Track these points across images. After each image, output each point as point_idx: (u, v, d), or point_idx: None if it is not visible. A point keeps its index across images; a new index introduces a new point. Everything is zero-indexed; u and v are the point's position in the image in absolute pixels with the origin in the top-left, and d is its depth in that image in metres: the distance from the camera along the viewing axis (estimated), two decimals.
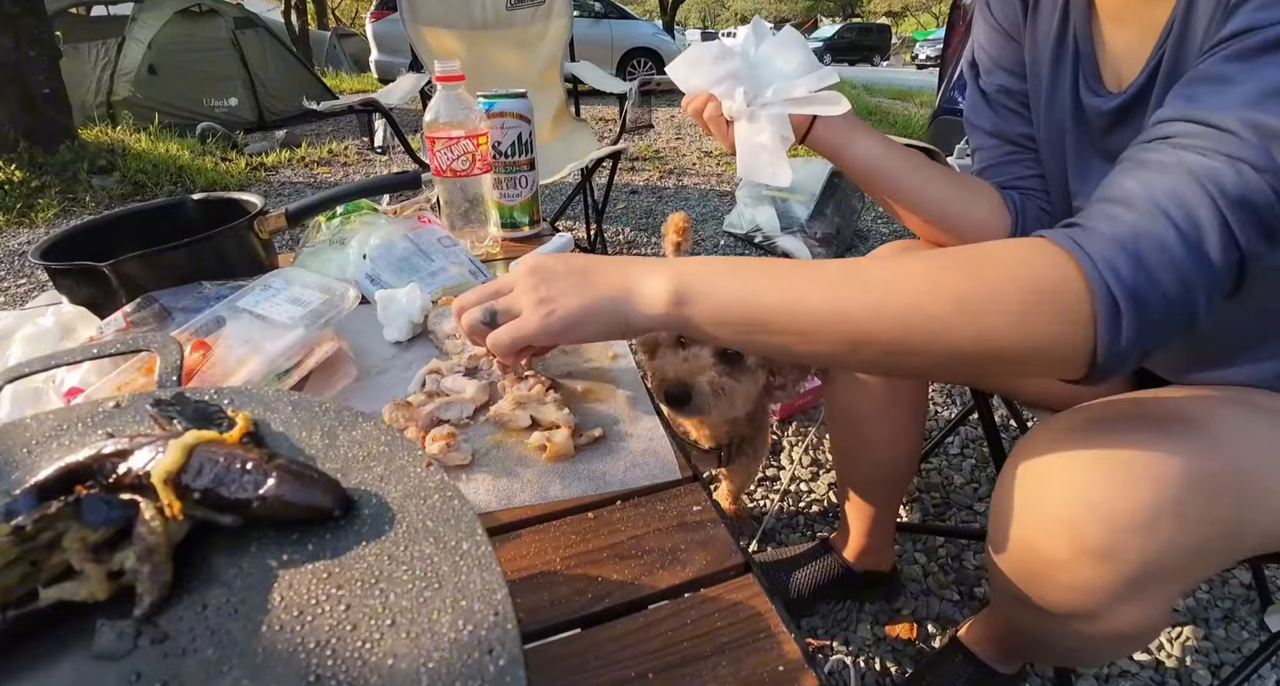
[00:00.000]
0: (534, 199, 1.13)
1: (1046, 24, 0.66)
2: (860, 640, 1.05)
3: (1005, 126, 0.75)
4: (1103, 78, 0.63)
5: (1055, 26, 0.65)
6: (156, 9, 5.55)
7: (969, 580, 1.16)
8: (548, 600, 0.43)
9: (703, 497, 0.51)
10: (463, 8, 2.49)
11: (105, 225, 0.80)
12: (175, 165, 4.20)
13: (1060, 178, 0.70)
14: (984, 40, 0.75)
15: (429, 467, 0.35)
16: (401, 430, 0.53)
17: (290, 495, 0.32)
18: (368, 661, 0.27)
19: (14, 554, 0.29)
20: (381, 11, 7.64)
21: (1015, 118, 0.74)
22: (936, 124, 3.60)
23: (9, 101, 3.89)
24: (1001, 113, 0.75)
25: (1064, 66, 0.65)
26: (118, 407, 0.40)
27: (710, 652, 0.39)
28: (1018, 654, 0.85)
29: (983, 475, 1.43)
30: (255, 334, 0.61)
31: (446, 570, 0.30)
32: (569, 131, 2.54)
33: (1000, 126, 0.75)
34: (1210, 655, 1.03)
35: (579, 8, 7.74)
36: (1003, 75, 0.74)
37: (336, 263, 0.87)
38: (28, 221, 3.39)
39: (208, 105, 5.65)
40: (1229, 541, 0.50)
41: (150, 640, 0.28)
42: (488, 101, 1.03)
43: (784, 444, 1.55)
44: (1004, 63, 0.73)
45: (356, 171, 4.52)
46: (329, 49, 11.22)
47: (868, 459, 0.94)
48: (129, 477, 0.33)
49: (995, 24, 0.73)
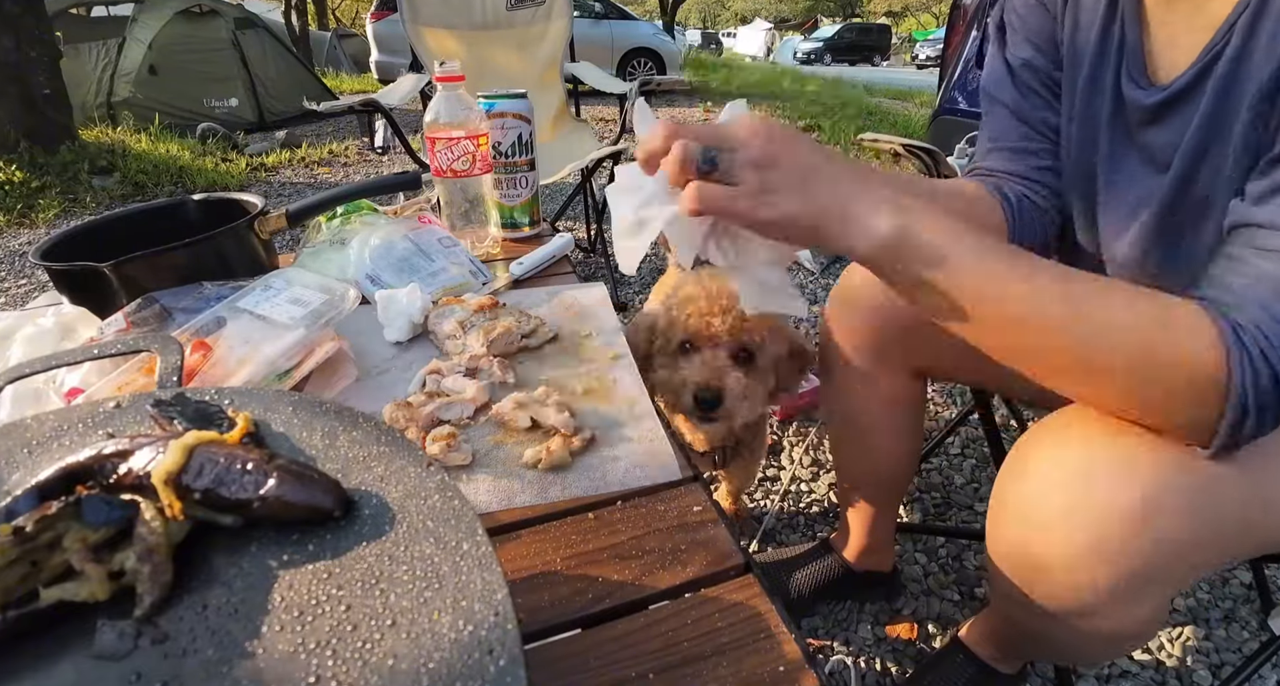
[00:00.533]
0: (534, 199, 1.13)
1: (1092, 6, 0.63)
2: (861, 640, 1.05)
3: (1027, 108, 0.71)
4: (1147, 70, 0.60)
5: (1103, 10, 0.62)
6: (157, 9, 5.56)
7: (969, 580, 1.16)
8: (548, 600, 0.43)
9: (703, 498, 0.51)
10: (463, 8, 2.49)
11: (105, 226, 0.80)
12: (175, 166, 4.20)
13: (1089, 172, 0.67)
14: (1020, 6, 0.70)
15: (429, 468, 0.35)
16: (402, 430, 0.53)
17: (290, 495, 0.32)
18: (368, 661, 0.27)
19: (14, 554, 0.29)
20: (382, 12, 7.64)
21: (1037, 99, 0.70)
22: (936, 124, 3.59)
23: (9, 102, 3.89)
24: (1025, 91, 0.71)
25: (1108, 53, 0.62)
26: (118, 408, 0.40)
27: (711, 653, 0.39)
28: (1018, 653, 0.85)
29: (983, 475, 1.43)
30: (256, 334, 0.61)
31: (447, 570, 0.30)
32: (569, 132, 2.54)
33: (1022, 106, 0.71)
34: (1211, 655, 1.03)
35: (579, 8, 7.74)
36: (1029, 49, 0.70)
37: (337, 263, 0.87)
38: (28, 222, 3.39)
39: (208, 105, 5.65)
40: (1229, 541, 0.50)
41: (150, 640, 0.28)
42: (488, 102, 1.03)
43: (784, 444, 1.55)
44: (1034, 36, 0.70)
45: (357, 172, 4.52)
46: (329, 49, 11.22)
47: (867, 459, 0.93)
48: (129, 478, 0.33)
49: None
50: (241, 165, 4.48)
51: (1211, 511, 0.47)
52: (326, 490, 0.33)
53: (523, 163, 1.08)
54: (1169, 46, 0.58)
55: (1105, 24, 0.62)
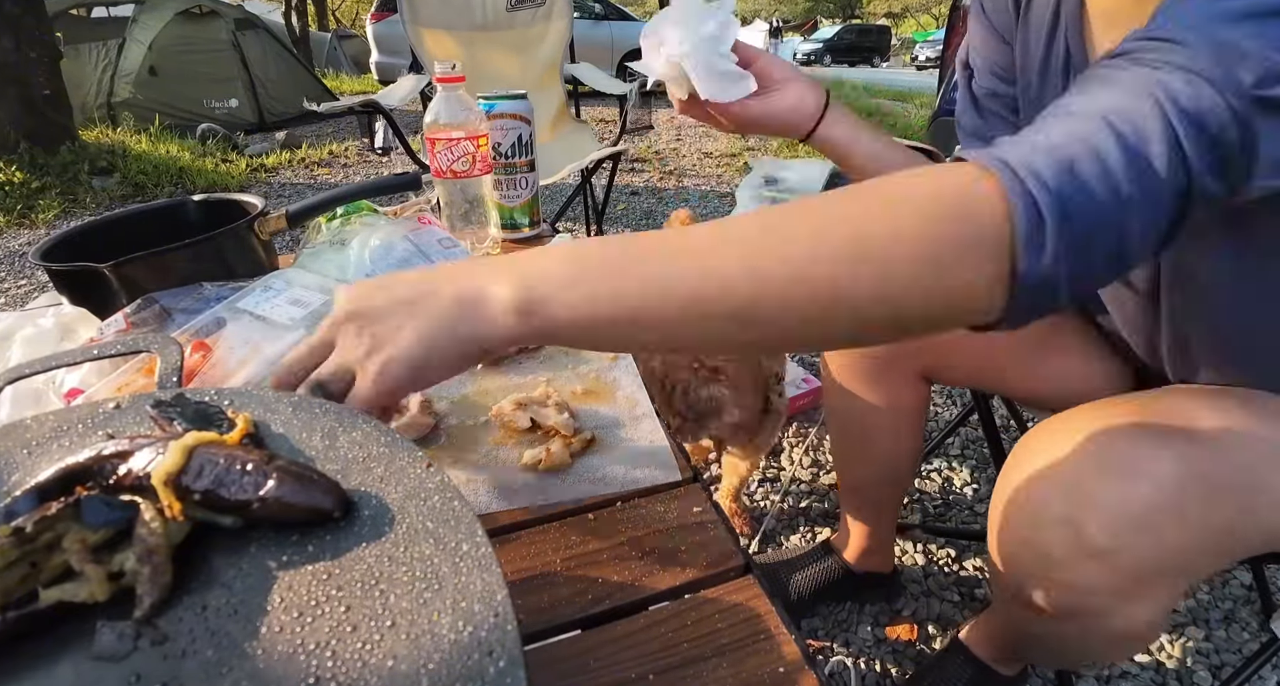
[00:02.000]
0: (534, 200, 1.13)
1: (1038, 24, 0.65)
2: (861, 641, 1.05)
3: (987, 130, 0.74)
4: None
5: (1047, 26, 0.63)
6: (157, 10, 5.56)
7: (969, 581, 1.16)
8: (548, 601, 0.43)
9: (703, 499, 0.51)
10: (463, 9, 2.49)
11: (105, 226, 0.80)
12: (175, 166, 4.20)
13: None
14: (977, 41, 0.74)
15: (429, 468, 0.35)
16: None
17: (290, 496, 0.32)
18: (368, 663, 0.27)
19: (14, 555, 0.29)
20: (382, 13, 7.65)
21: (1001, 123, 0.73)
22: (936, 125, 3.59)
23: (9, 102, 3.89)
24: (988, 117, 0.74)
25: (1053, 68, 0.64)
26: (118, 409, 0.40)
27: (710, 654, 0.39)
28: (1019, 655, 0.85)
29: (983, 476, 1.43)
30: (256, 335, 0.61)
31: (447, 571, 0.30)
32: (569, 132, 2.54)
33: (981, 129, 0.74)
34: (1211, 656, 1.03)
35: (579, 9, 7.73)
36: (992, 79, 0.73)
37: (337, 264, 0.87)
38: (28, 222, 3.39)
39: (208, 106, 5.65)
40: (1229, 540, 0.50)
41: (150, 641, 0.28)
42: (488, 103, 1.03)
43: (784, 444, 1.55)
44: (994, 66, 0.72)
45: (357, 173, 4.52)
46: (329, 50, 11.23)
47: (867, 460, 0.93)
48: (129, 479, 0.33)
49: (988, 24, 0.71)
50: (241, 166, 4.48)
51: (1212, 512, 0.47)
52: (326, 491, 0.33)
53: (523, 163, 1.08)
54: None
55: (1049, 43, 0.63)
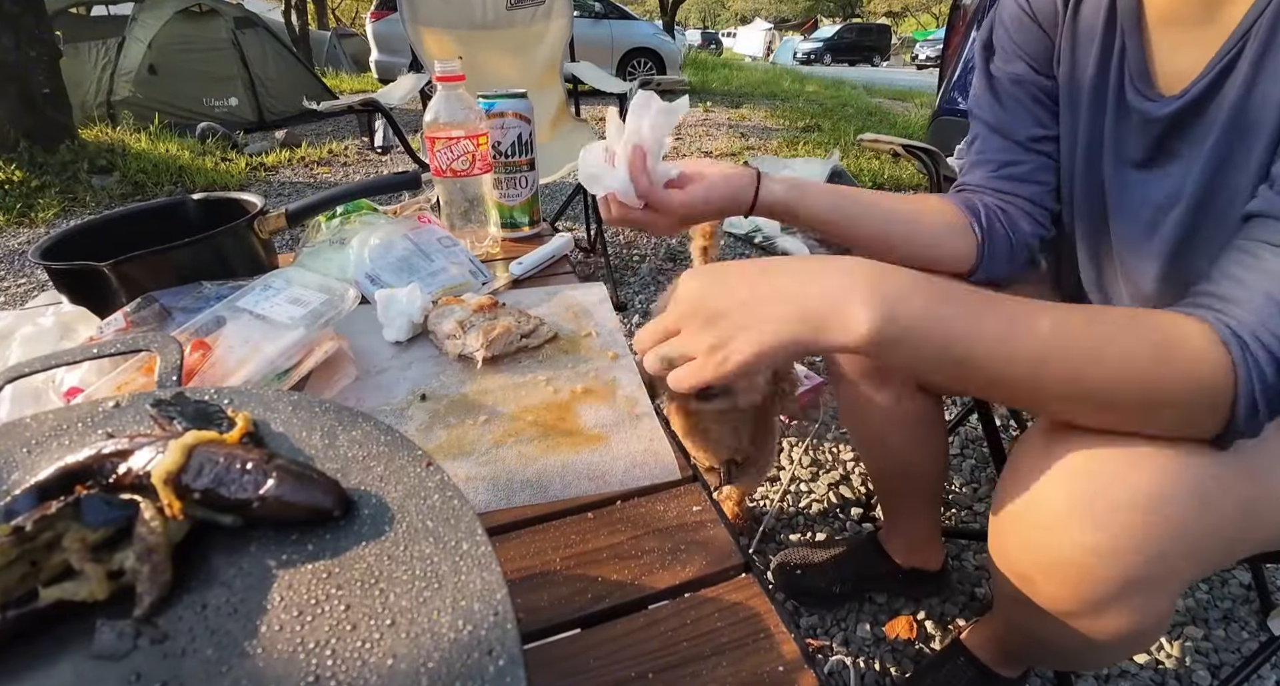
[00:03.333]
0: (534, 199, 1.13)
1: (1090, 21, 0.63)
2: (860, 640, 1.05)
3: (1009, 121, 0.71)
4: (1153, 80, 0.59)
5: (1102, 25, 0.62)
6: (156, 9, 5.55)
7: (969, 580, 1.16)
8: (547, 600, 0.43)
9: (703, 498, 0.51)
10: (463, 8, 2.48)
11: (105, 225, 0.80)
12: (175, 165, 4.20)
13: (1095, 187, 0.67)
14: (1010, 23, 0.70)
15: (429, 468, 0.35)
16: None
17: (290, 495, 0.32)
18: (367, 661, 0.27)
19: (14, 554, 0.29)
20: (381, 11, 7.64)
21: (1025, 115, 0.70)
22: (936, 124, 3.59)
23: (9, 101, 3.88)
24: (1010, 107, 0.70)
25: (1109, 68, 0.62)
26: (117, 407, 0.40)
27: (710, 653, 0.39)
28: (1020, 658, 0.85)
29: (983, 475, 1.43)
30: (255, 334, 0.61)
31: (446, 570, 0.30)
32: (569, 131, 2.54)
33: (1003, 120, 0.71)
34: (1210, 655, 1.03)
35: (579, 8, 7.74)
36: (1021, 65, 0.69)
37: (336, 263, 0.87)
38: (28, 221, 3.39)
39: (208, 105, 5.64)
40: (1230, 539, 0.50)
41: (150, 640, 0.28)
42: (488, 102, 1.03)
43: (784, 444, 1.55)
44: (1027, 52, 0.69)
45: (356, 171, 4.51)
46: (329, 49, 11.21)
47: (888, 461, 0.94)
48: (129, 478, 0.33)
49: (1026, 8, 0.68)
50: (241, 165, 4.47)
51: (1213, 510, 0.47)
52: (326, 490, 0.33)
53: (523, 162, 1.08)
54: (1173, 58, 0.58)
55: (1105, 39, 0.62)
